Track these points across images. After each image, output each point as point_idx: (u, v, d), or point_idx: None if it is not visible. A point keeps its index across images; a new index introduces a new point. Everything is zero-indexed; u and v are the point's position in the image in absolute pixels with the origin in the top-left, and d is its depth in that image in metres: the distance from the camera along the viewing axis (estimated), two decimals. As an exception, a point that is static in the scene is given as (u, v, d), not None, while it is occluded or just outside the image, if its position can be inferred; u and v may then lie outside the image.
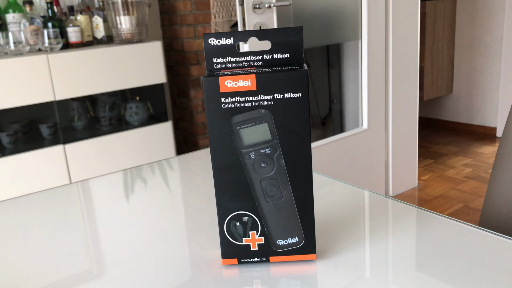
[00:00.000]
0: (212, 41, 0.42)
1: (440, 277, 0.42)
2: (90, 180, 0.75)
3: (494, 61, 3.14)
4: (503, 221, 0.66)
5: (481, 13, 3.14)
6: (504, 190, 0.65)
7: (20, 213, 0.63)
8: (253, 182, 0.43)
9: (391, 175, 2.34)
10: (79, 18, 1.99)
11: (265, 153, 0.42)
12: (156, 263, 0.48)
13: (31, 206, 0.65)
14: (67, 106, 2.05)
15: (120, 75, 1.98)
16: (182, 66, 2.37)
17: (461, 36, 3.28)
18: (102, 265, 0.48)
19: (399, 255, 0.46)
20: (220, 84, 0.41)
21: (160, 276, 0.45)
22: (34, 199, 0.67)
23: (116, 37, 2.01)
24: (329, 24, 1.93)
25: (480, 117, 3.30)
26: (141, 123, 2.14)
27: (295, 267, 0.46)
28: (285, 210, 0.44)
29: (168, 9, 2.33)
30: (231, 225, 0.45)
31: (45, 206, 0.64)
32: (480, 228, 0.50)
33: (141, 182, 0.73)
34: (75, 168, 1.93)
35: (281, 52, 0.42)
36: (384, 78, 2.18)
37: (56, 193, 0.68)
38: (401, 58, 2.19)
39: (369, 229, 0.52)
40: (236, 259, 0.46)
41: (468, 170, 2.66)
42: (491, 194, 0.67)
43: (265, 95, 0.41)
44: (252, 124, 0.42)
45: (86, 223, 0.59)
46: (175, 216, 0.59)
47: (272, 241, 0.45)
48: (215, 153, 0.43)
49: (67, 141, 1.91)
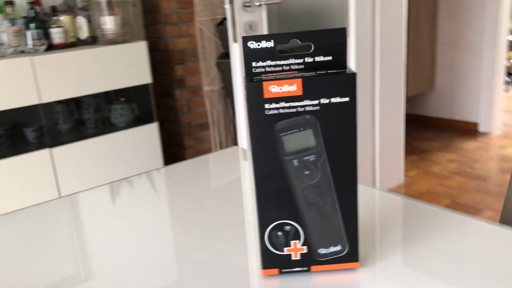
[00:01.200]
0: (251, 44, 0.40)
1: (487, 286, 0.41)
2: (78, 194, 0.72)
3: (475, 56, 3.20)
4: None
5: (462, 9, 3.20)
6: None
7: (7, 230, 0.60)
8: (295, 190, 0.42)
9: (378, 172, 2.35)
10: (62, 19, 1.93)
11: (309, 160, 0.41)
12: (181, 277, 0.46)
13: (19, 223, 0.62)
14: (51, 109, 1.99)
15: (105, 76, 1.93)
16: (166, 66, 2.33)
17: (443, 32, 3.33)
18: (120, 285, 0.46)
19: (439, 261, 0.45)
20: (264, 89, 0.39)
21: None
22: (22, 215, 0.64)
23: (101, 37, 1.96)
24: (317, 21, 1.93)
25: (462, 112, 3.37)
26: (127, 125, 2.10)
27: (337, 276, 0.44)
28: (329, 218, 0.43)
29: (151, 8, 2.29)
30: (273, 235, 0.43)
31: (33, 223, 0.61)
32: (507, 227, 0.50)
33: (137, 193, 0.70)
34: (62, 172, 1.87)
35: (323, 54, 0.41)
36: (370, 74, 2.19)
37: (43, 209, 0.65)
38: (388, 54, 2.21)
39: (403, 233, 0.51)
40: (277, 269, 0.44)
41: (453, 165, 2.70)
42: (510, 199, 0.67)
43: (311, 100, 0.39)
44: (296, 131, 0.40)
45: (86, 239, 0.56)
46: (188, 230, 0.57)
47: (314, 250, 0.44)
48: (257, 161, 0.41)
49: (53, 145, 1.85)
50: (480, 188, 2.41)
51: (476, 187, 2.42)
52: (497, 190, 2.39)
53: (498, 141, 3.11)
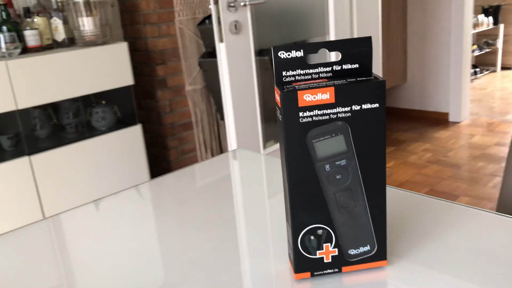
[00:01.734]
0: (281, 54, 0.41)
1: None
2: (62, 215, 0.71)
3: (444, 50, 3.30)
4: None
5: (430, 5, 3.29)
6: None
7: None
8: (327, 194, 0.43)
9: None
10: (36, 20, 1.88)
11: (341, 164, 0.42)
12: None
13: (1, 247, 0.61)
14: (28, 114, 1.93)
15: (85, 79, 1.89)
16: (146, 67, 2.30)
17: (413, 27, 3.42)
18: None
19: (462, 255, 0.48)
20: (298, 98, 0.40)
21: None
22: (4, 239, 0.62)
23: (79, 39, 1.92)
24: (299, 21, 1.95)
25: (433, 103, 3.47)
26: (109, 128, 2.07)
27: (366, 275, 0.46)
28: (359, 220, 0.44)
29: (129, 8, 2.26)
30: (306, 239, 0.44)
31: (16, 247, 0.60)
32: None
33: (123, 210, 0.70)
34: (43, 180, 1.83)
35: (350, 62, 0.42)
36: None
37: (26, 232, 0.63)
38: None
39: (417, 230, 0.53)
40: (309, 273, 0.45)
41: (429, 155, 2.79)
42: (507, 182, 0.70)
43: (343, 107, 0.41)
44: (328, 137, 0.41)
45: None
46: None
47: (345, 251, 0.45)
48: (291, 168, 0.42)
49: (31, 152, 1.81)
50: (455, 175, 2.50)
51: (451, 175, 2.51)
52: (470, 176, 2.48)
53: (467, 130, 3.23)
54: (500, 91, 4.26)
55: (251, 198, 0.67)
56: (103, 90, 1.95)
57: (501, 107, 3.72)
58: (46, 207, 1.85)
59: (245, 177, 0.76)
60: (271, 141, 2.11)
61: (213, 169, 0.81)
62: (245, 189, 0.71)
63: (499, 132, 3.09)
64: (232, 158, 0.85)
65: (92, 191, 1.96)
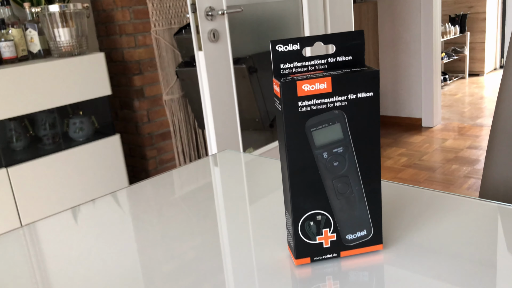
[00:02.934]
0: (279, 47, 0.43)
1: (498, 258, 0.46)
2: (38, 223, 0.71)
3: (415, 57, 3.40)
4: (500, 198, 0.73)
5: (400, 13, 3.39)
6: (499, 170, 0.72)
7: None
8: (325, 180, 0.45)
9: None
10: (11, 32, 1.86)
11: (338, 152, 0.44)
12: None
13: None
14: (4, 126, 1.89)
15: (62, 90, 1.87)
16: (123, 77, 2.29)
17: (384, 35, 3.52)
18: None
19: (453, 239, 0.50)
20: (298, 88, 0.42)
21: None
22: None
23: (55, 50, 1.90)
24: (274, 29, 1.98)
25: (407, 109, 3.56)
26: (87, 139, 2.04)
27: (363, 259, 0.48)
28: (355, 205, 0.46)
29: (104, 19, 2.25)
30: (306, 225, 0.46)
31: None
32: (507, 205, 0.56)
33: (101, 216, 0.71)
34: (20, 192, 1.79)
35: (344, 55, 0.44)
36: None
37: (2, 241, 0.63)
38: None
39: (410, 217, 0.56)
40: (309, 258, 0.47)
41: (404, 159, 2.85)
42: (488, 175, 0.74)
43: (339, 96, 0.43)
44: (326, 125, 0.43)
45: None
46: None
47: (343, 236, 0.47)
48: (291, 156, 0.43)
49: (8, 164, 1.77)
50: (430, 178, 2.57)
51: (427, 178, 2.58)
52: (445, 178, 2.56)
53: (440, 134, 3.32)
54: (469, 97, 4.42)
55: (235, 199, 0.68)
56: (80, 100, 1.93)
57: (471, 111, 3.85)
58: (24, 218, 1.81)
59: (228, 178, 0.77)
60: (250, 148, 2.12)
61: (195, 173, 0.82)
62: (227, 191, 0.72)
63: (470, 136, 3.20)
64: (213, 162, 0.86)
65: (70, 203, 1.93)
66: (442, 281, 0.43)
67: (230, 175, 0.78)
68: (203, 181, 0.76)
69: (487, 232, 0.50)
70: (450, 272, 0.44)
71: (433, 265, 0.45)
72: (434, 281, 0.43)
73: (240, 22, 1.79)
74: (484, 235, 0.50)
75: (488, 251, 0.47)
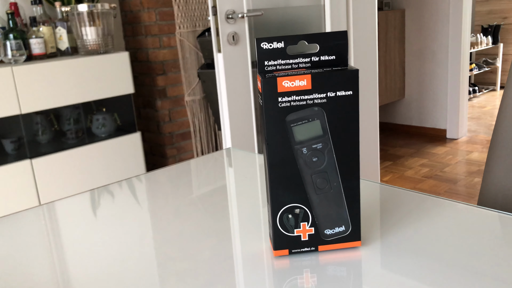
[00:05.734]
0: (264, 45, 0.45)
1: (472, 257, 0.47)
2: (57, 202, 0.74)
3: (441, 67, 3.35)
4: (498, 207, 0.72)
5: (427, 22, 3.35)
6: (498, 178, 0.72)
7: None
8: (304, 175, 0.46)
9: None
10: (42, 30, 1.94)
11: (317, 148, 0.46)
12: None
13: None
14: (31, 119, 1.97)
15: (87, 86, 1.94)
16: (147, 77, 2.35)
17: (410, 44, 3.48)
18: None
19: (433, 242, 0.51)
20: (278, 84, 0.43)
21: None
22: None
23: (81, 48, 1.97)
24: (294, 33, 2.00)
25: (431, 120, 3.51)
26: (108, 135, 2.11)
27: (341, 254, 0.49)
28: (334, 201, 0.47)
29: (131, 20, 2.32)
30: (284, 218, 0.47)
31: (11, 231, 0.63)
32: (495, 211, 0.56)
33: (117, 201, 0.73)
34: (43, 183, 1.86)
35: (328, 54, 0.46)
36: (347, 84, 2.27)
37: (21, 217, 0.67)
38: (362, 66, 2.30)
39: (396, 217, 0.56)
40: (287, 250, 0.48)
41: (425, 170, 2.81)
42: (487, 183, 0.74)
43: (319, 94, 0.44)
44: (306, 121, 0.45)
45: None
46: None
47: (321, 231, 0.48)
48: (271, 150, 0.45)
49: (33, 156, 1.84)
50: (451, 190, 2.52)
51: (447, 189, 2.53)
52: (466, 191, 2.51)
53: (464, 146, 3.26)
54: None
55: (245, 193, 0.70)
56: (104, 97, 1.99)
57: (498, 125, 3.75)
58: (45, 211, 1.88)
59: (239, 174, 0.79)
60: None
61: (209, 165, 0.85)
62: (239, 187, 0.74)
63: (495, 149, 3.12)
64: (227, 156, 0.88)
65: (91, 197, 1.99)
66: (418, 281, 0.44)
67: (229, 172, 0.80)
68: (208, 178, 0.78)
69: (473, 237, 0.51)
70: (427, 273, 0.45)
71: (411, 266, 0.46)
72: (410, 280, 0.44)
73: (260, 26, 1.82)
74: (470, 239, 0.50)
75: (472, 254, 0.47)
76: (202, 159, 0.89)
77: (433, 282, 0.43)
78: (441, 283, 0.43)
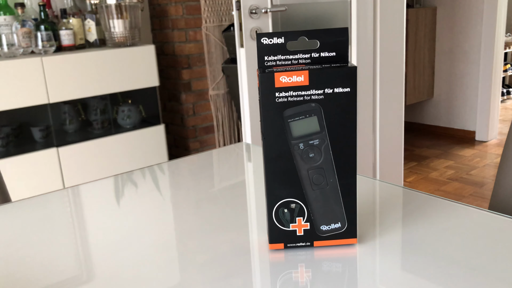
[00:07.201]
0: (264, 40, 0.46)
1: (468, 259, 0.46)
2: (82, 186, 0.76)
3: (472, 67, 3.26)
4: (509, 212, 0.71)
5: (459, 21, 3.26)
6: (509, 185, 0.70)
7: (9, 220, 0.64)
8: (301, 171, 0.46)
9: (378, 177, 2.40)
10: (72, 21, 1.99)
11: (314, 144, 0.46)
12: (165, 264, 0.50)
13: (22, 212, 0.66)
14: (59, 109, 2.04)
15: (113, 78, 1.98)
16: (172, 70, 2.39)
17: (441, 43, 3.40)
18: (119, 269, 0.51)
19: (431, 242, 0.50)
20: (275, 79, 0.44)
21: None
22: (24, 205, 0.68)
23: (109, 40, 2.02)
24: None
25: (460, 121, 3.42)
26: (133, 126, 2.15)
27: (337, 250, 0.49)
28: (330, 197, 0.47)
29: (159, 14, 2.35)
30: (280, 212, 0.48)
31: (36, 212, 0.65)
32: (494, 212, 0.55)
33: (140, 187, 0.75)
34: (68, 171, 1.92)
35: (328, 50, 0.46)
36: (372, 83, 2.24)
37: (47, 199, 0.69)
38: (388, 64, 2.27)
39: (396, 217, 0.56)
40: (282, 244, 0.49)
41: (451, 172, 2.75)
42: (498, 188, 0.72)
43: (316, 90, 0.44)
44: (303, 117, 0.45)
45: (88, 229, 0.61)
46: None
47: (317, 227, 0.48)
48: (267, 144, 0.46)
49: (59, 144, 1.90)
50: (476, 194, 2.46)
51: (472, 193, 2.47)
52: (491, 195, 2.43)
53: (494, 149, 3.16)
54: (532, 113, 4.16)
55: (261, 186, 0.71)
56: (129, 89, 2.03)
57: (531, 128, 3.63)
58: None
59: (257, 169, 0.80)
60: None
61: (226, 156, 0.86)
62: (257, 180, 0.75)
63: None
64: (247, 159, 0.89)
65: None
66: (415, 281, 0.44)
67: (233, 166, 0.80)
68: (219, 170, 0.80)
69: (471, 239, 0.50)
70: (423, 272, 0.44)
71: (406, 263, 0.46)
72: (406, 274, 0.44)
73: (284, 22, 1.82)
74: (468, 242, 0.49)
75: (468, 252, 0.47)
76: (223, 150, 0.90)
77: (429, 280, 0.43)
78: (437, 280, 0.42)
